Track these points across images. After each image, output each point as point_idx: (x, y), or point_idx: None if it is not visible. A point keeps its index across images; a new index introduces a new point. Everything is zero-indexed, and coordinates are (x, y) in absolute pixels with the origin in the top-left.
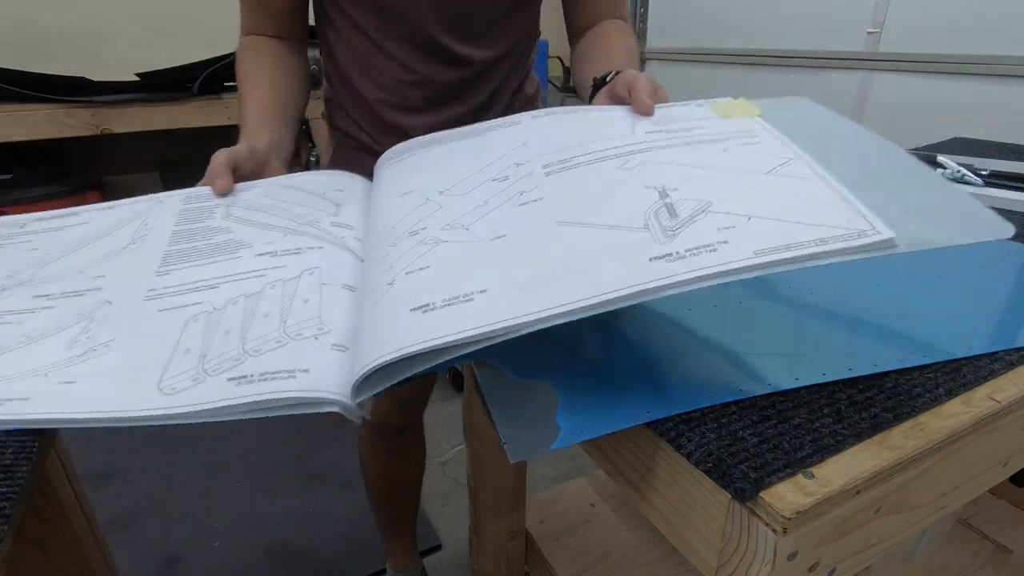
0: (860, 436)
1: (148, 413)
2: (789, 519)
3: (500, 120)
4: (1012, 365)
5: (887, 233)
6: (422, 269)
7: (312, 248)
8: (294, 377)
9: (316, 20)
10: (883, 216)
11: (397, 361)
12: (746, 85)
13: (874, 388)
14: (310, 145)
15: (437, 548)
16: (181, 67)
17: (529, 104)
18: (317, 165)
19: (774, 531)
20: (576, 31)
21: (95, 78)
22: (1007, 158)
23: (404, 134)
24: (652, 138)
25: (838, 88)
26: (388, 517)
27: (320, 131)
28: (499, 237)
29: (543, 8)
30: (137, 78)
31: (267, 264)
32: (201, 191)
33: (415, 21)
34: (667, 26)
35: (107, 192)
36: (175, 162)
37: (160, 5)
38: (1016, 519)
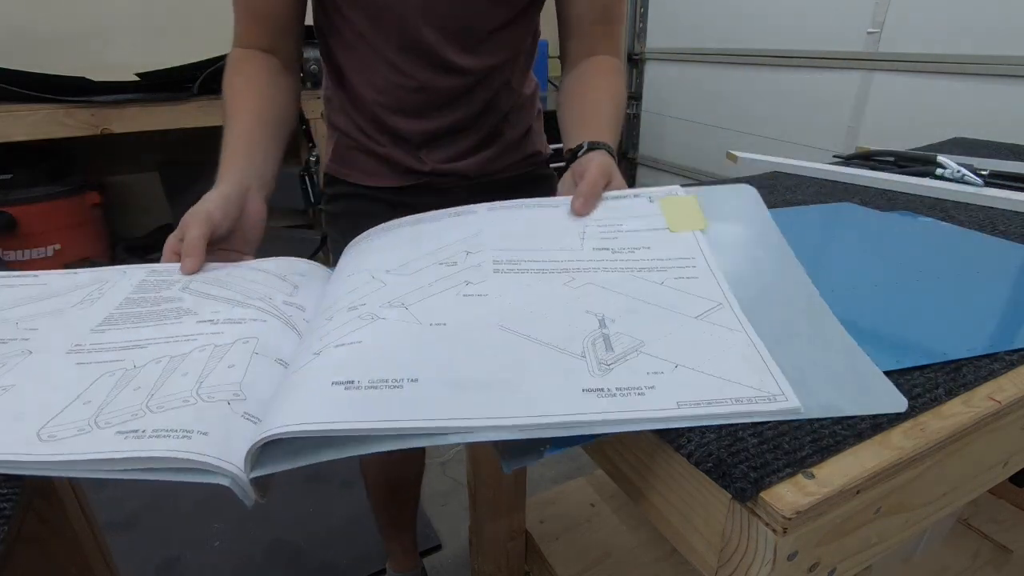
0: (860, 436)
1: (16, 459)
2: (789, 519)
3: (457, 208)
4: (1012, 365)
5: (794, 402)
6: (353, 344)
7: (255, 320)
8: (189, 438)
9: (315, 22)
10: (794, 374)
11: (304, 437)
12: (746, 85)
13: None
14: (310, 145)
15: (437, 548)
16: (181, 67)
17: (528, 104)
18: (317, 165)
19: (774, 531)
20: (568, 61)
21: (95, 78)
22: (1007, 158)
23: (403, 137)
24: (599, 257)
25: (838, 88)
26: (388, 517)
27: (320, 131)
28: (439, 324)
29: (543, 7)
30: (137, 78)
31: (204, 330)
32: (167, 267)
33: (414, 32)
34: (667, 26)
35: (107, 192)
36: (175, 162)
37: (160, 5)
38: (1016, 519)
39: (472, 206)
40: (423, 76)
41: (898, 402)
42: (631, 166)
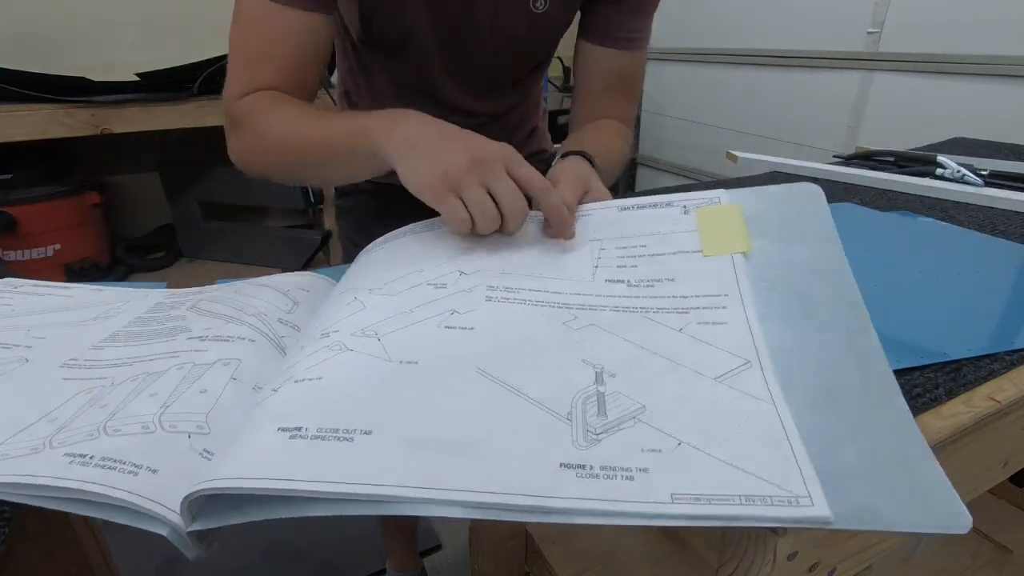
0: None
1: None
2: None
3: None
4: (1012, 365)
5: (823, 511)
6: (311, 380)
7: (244, 339)
8: (136, 475)
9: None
10: (828, 460)
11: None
12: (746, 85)
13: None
14: None
15: (437, 548)
16: (181, 67)
17: (533, 107)
18: None
19: (774, 531)
20: (575, 122)
21: (95, 78)
22: (1007, 158)
23: None
24: (610, 291)
25: (838, 88)
26: (388, 516)
27: None
28: (410, 362)
29: None
30: (137, 78)
31: (190, 347)
32: (187, 290)
33: (437, 85)
34: (668, 26)
35: (107, 192)
36: (175, 162)
37: (160, 5)
38: (1016, 519)
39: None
40: (437, 116)
41: (962, 521)
42: (631, 166)
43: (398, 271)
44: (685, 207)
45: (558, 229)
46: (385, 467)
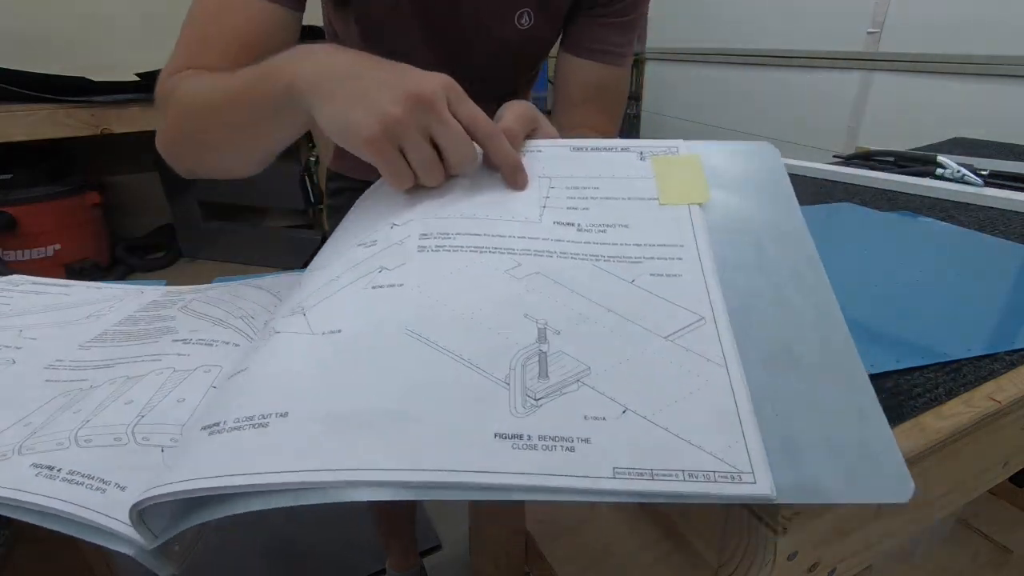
0: None
1: None
2: (789, 519)
3: None
4: (1012, 365)
5: (764, 489)
6: (240, 371)
7: (228, 343)
8: (103, 491)
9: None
10: (779, 427)
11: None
12: (746, 85)
13: (874, 388)
14: (310, 145)
15: (437, 548)
16: None
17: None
18: (317, 165)
19: (774, 531)
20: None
21: (95, 78)
22: (1007, 158)
23: None
24: (558, 235)
25: (838, 88)
26: (388, 516)
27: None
28: (333, 332)
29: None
30: (137, 78)
31: (174, 350)
32: (181, 288)
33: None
34: (667, 26)
35: (107, 192)
36: None
37: (160, 5)
38: (1016, 519)
39: None
40: None
41: (903, 490)
42: None
43: (336, 243)
44: (641, 153)
45: (509, 179)
46: (304, 451)
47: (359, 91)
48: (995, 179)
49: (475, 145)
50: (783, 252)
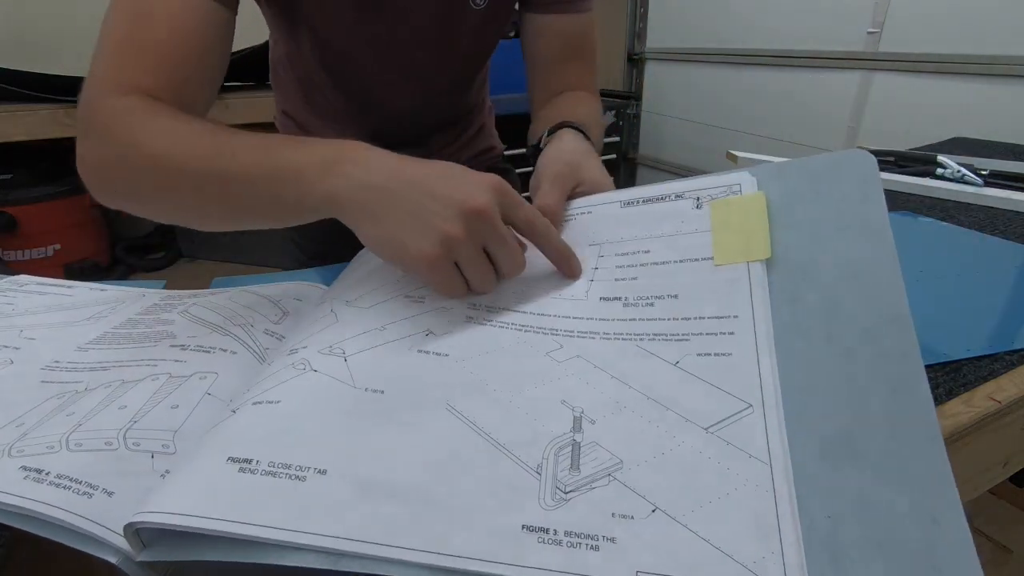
0: None
1: None
2: None
3: None
4: (1012, 365)
5: None
6: (270, 403)
7: (225, 351)
8: (90, 496)
9: (272, 58)
10: (822, 539)
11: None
12: (746, 85)
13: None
14: None
15: None
16: None
17: (477, 107)
18: None
19: None
20: (537, 102)
21: None
22: (1007, 158)
23: None
24: (603, 313)
25: (838, 88)
26: None
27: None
28: (375, 391)
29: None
30: None
31: (171, 355)
32: (183, 292)
33: (377, 90)
34: (667, 26)
35: None
36: None
37: None
38: (1016, 519)
39: None
40: (386, 123)
41: None
42: (631, 166)
43: (377, 279)
44: (698, 200)
45: (564, 272)
46: (336, 515)
47: (409, 209)
48: (995, 179)
49: (524, 258)
50: (862, 308)
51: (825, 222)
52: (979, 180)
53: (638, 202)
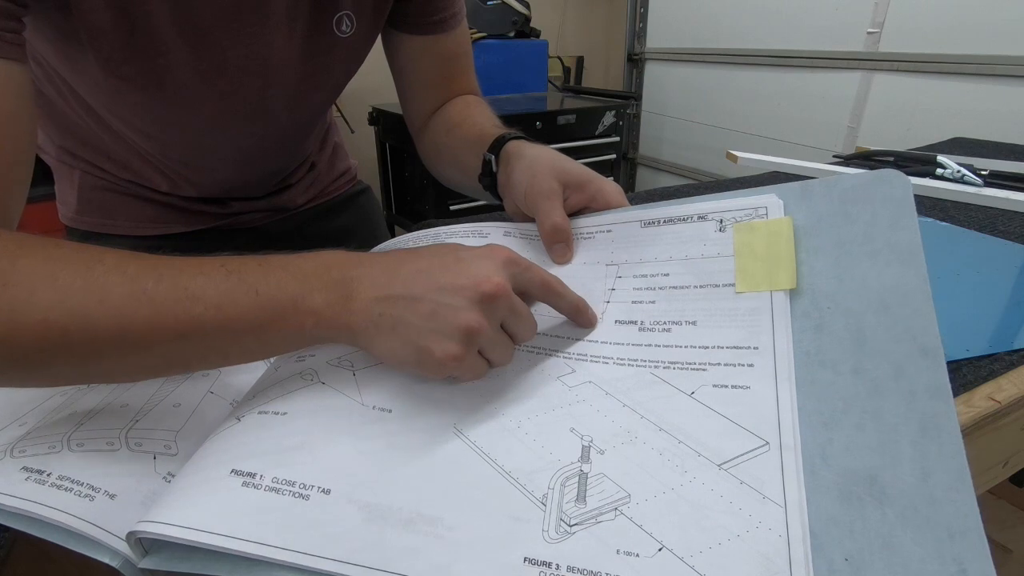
0: None
1: None
2: None
3: (472, 226)
4: (1012, 365)
5: None
6: (277, 414)
7: None
8: (92, 499)
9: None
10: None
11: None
12: (746, 85)
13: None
14: None
15: None
16: None
17: (341, 150)
18: None
19: None
20: (421, 116)
21: None
22: (1007, 158)
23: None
24: (617, 337)
25: (838, 88)
26: None
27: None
28: (383, 410)
29: (543, 7)
30: None
31: None
32: None
33: (204, 120)
34: (667, 26)
35: None
36: None
37: None
38: (1016, 519)
39: (488, 225)
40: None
41: None
42: (631, 166)
43: None
44: (722, 222)
45: (580, 324)
46: (337, 538)
47: (425, 313)
48: (995, 179)
49: (536, 325)
50: (891, 339)
51: (854, 246)
52: (979, 180)
53: (659, 222)
